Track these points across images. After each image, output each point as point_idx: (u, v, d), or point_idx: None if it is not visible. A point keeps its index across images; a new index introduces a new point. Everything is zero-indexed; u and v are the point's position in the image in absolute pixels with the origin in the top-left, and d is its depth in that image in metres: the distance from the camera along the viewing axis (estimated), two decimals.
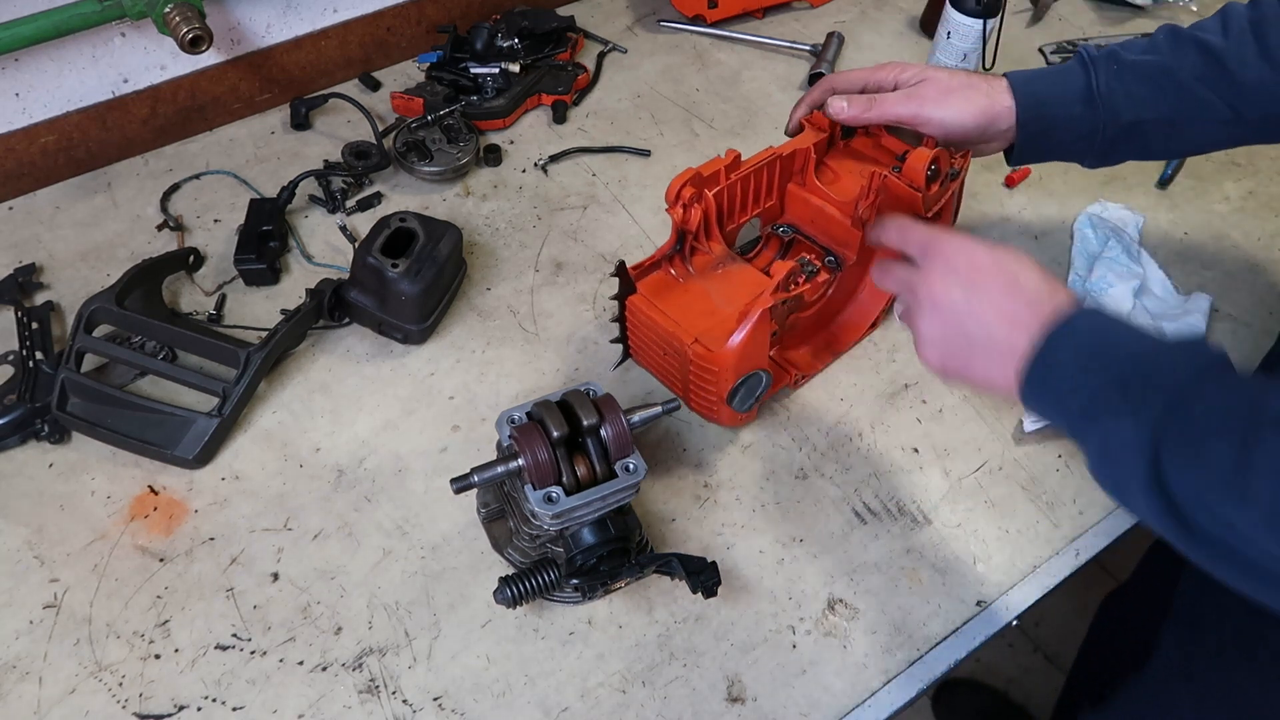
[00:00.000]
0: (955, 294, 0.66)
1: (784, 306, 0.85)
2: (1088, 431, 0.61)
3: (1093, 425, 0.59)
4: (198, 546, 0.82)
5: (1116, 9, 1.41)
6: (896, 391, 0.96)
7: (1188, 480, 0.54)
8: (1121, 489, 0.60)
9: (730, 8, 1.33)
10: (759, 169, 0.91)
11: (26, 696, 0.74)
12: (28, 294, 0.97)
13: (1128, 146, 0.86)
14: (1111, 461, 0.59)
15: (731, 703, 0.77)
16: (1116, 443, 0.58)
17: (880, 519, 0.87)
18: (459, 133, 1.11)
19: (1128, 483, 0.58)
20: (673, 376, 0.91)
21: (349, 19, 1.19)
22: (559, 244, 1.07)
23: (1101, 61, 0.85)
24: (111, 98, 1.08)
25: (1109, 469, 0.60)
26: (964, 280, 0.66)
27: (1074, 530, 0.88)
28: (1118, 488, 0.61)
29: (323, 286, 0.94)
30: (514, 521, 0.80)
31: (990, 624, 0.82)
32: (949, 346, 0.68)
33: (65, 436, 0.88)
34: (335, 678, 0.76)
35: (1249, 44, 0.81)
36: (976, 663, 1.82)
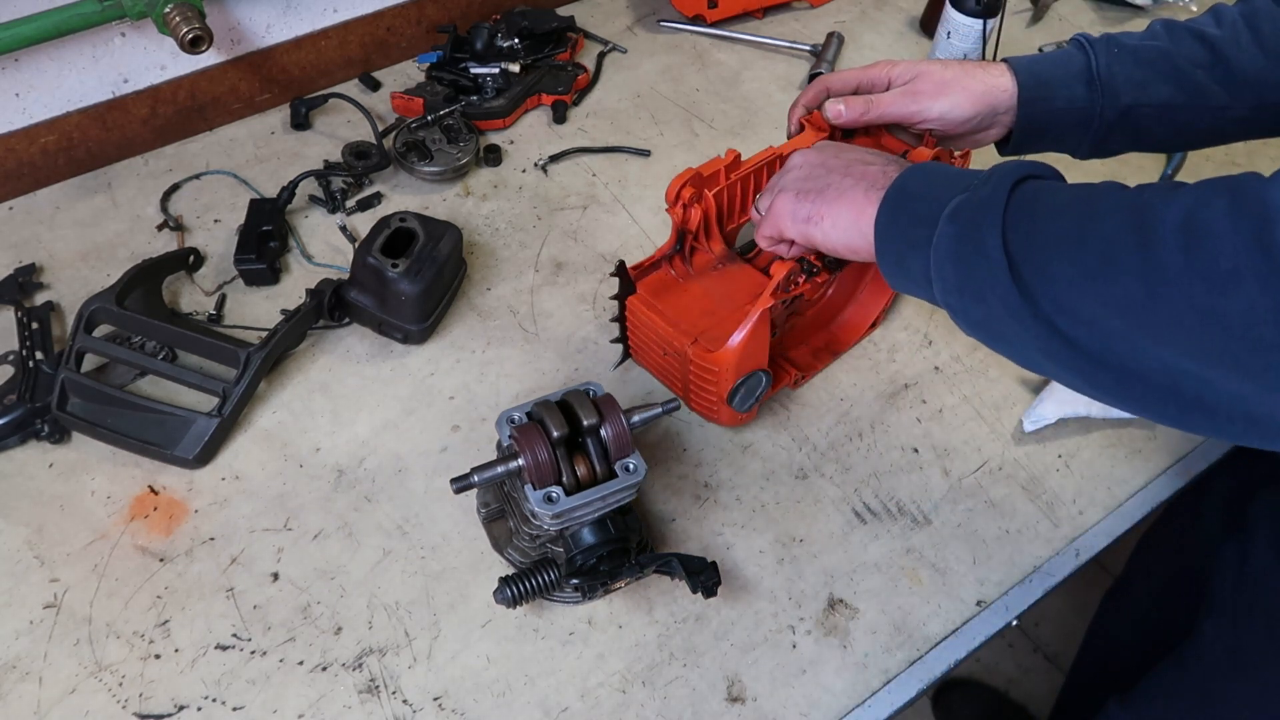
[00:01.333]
0: (826, 153, 0.76)
1: (784, 306, 0.85)
2: (937, 237, 0.62)
3: (945, 222, 0.61)
4: (198, 546, 0.82)
5: (1116, 9, 1.41)
6: (896, 391, 0.96)
7: (1032, 260, 0.56)
8: (967, 287, 0.60)
9: (730, 8, 1.33)
10: (759, 169, 0.91)
11: (26, 696, 0.74)
12: (28, 294, 0.97)
13: (1123, 133, 0.86)
14: (965, 263, 0.60)
15: (731, 703, 0.77)
16: (969, 227, 0.59)
17: (880, 519, 0.87)
18: (459, 133, 1.11)
19: (977, 273, 0.58)
20: (673, 376, 0.91)
21: (349, 19, 1.19)
22: (559, 244, 1.07)
23: (1100, 45, 0.85)
24: (111, 98, 1.08)
25: (966, 273, 0.60)
26: (835, 148, 0.77)
27: (1074, 530, 0.88)
28: (963, 289, 0.60)
29: (323, 286, 0.94)
30: (514, 521, 0.80)
31: (990, 624, 0.82)
32: (807, 183, 0.74)
33: (65, 436, 0.88)
34: (335, 678, 0.76)
35: (1243, 33, 0.82)
36: (976, 663, 1.82)
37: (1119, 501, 0.90)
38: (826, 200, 0.72)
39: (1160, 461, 0.93)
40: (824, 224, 0.72)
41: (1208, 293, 0.48)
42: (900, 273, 0.67)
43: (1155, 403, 0.53)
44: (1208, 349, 0.49)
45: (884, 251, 0.68)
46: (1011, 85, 0.85)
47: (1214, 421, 0.52)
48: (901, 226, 0.66)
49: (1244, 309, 0.47)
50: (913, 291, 0.67)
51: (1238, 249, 0.47)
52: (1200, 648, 0.99)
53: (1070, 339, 0.54)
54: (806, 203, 0.73)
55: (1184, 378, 0.51)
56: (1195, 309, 0.49)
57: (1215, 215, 0.49)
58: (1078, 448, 0.93)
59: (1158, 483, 0.92)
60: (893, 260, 0.67)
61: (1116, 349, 0.53)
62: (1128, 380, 0.53)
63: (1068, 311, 0.54)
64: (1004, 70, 0.86)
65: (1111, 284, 0.52)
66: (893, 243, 0.66)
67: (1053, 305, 0.55)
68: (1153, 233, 0.51)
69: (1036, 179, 0.61)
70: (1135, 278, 0.51)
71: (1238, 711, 0.95)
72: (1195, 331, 0.49)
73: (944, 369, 0.98)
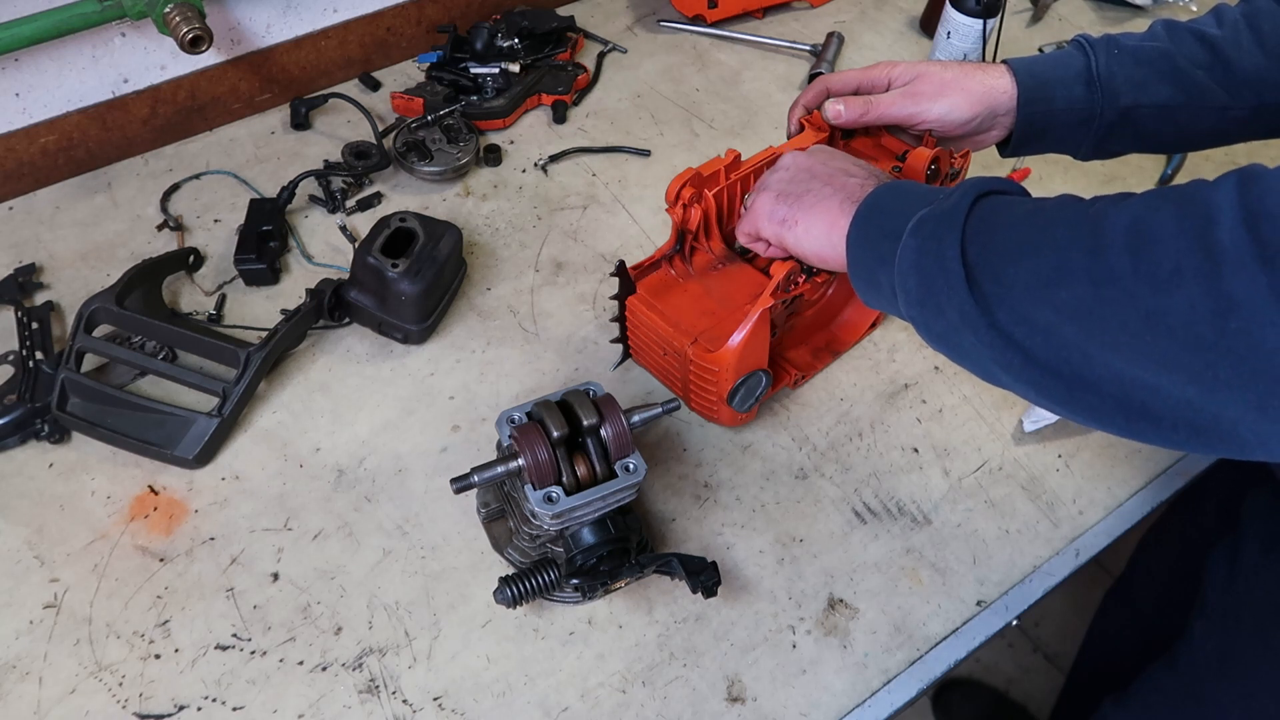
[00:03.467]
0: (815, 159, 0.76)
1: (784, 306, 0.85)
2: (900, 249, 0.62)
3: (908, 235, 0.61)
4: (198, 546, 0.82)
5: (1116, 9, 1.41)
6: (896, 391, 0.96)
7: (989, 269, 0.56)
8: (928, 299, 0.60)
9: (730, 8, 1.33)
10: (759, 169, 0.91)
11: (27, 696, 0.74)
12: (28, 294, 0.97)
13: (1123, 134, 0.86)
14: (925, 274, 0.60)
15: (731, 703, 0.77)
16: (930, 240, 0.59)
17: (880, 519, 0.87)
18: (459, 133, 1.11)
19: (936, 285, 0.59)
20: (673, 376, 0.91)
21: (349, 19, 1.19)
22: (559, 244, 1.07)
23: (1100, 45, 0.85)
24: (111, 98, 1.08)
25: (926, 284, 0.60)
26: (824, 154, 0.77)
27: (1074, 530, 0.88)
28: (924, 301, 0.60)
29: (323, 286, 0.94)
30: (514, 521, 0.80)
31: (990, 624, 0.82)
32: (790, 185, 0.74)
33: (65, 436, 0.88)
34: (335, 678, 0.76)
35: (1244, 33, 0.82)
36: (976, 663, 1.82)
37: (1119, 501, 0.90)
38: (804, 206, 0.72)
39: (1160, 461, 0.93)
40: (797, 229, 0.73)
41: (1152, 294, 0.49)
42: (871, 288, 0.67)
43: (1105, 413, 0.53)
44: (1152, 352, 0.49)
45: (856, 269, 0.68)
46: (1011, 86, 0.85)
47: (1159, 429, 0.52)
48: (872, 241, 0.66)
49: (1185, 308, 0.47)
50: (884, 307, 0.67)
51: (1180, 250, 0.48)
52: (1191, 648, 0.99)
53: (1024, 349, 0.55)
54: (784, 205, 0.74)
55: (1132, 385, 0.51)
56: (1140, 311, 0.49)
57: (1162, 218, 0.50)
58: (1078, 448, 0.93)
59: (1158, 483, 0.92)
60: (865, 277, 0.67)
61: (1068, 358, 0.53)
62: (1078, 390, 0.54)
63: (1022, 319, 0.55)
64: (1004, 71, 0.86)
65: (1062, 289, 0.52)
66: (864, 259, 0.67)
67: (1007, 313, 0.55)
68: (1103, 237, 0.51)
69: (1001, 194, 0.61)
70: (1085, 282, 0.51)
71: (1227, 711, 0.96)
72: (1141, 334, 0.49)
73: (944, 369, 0.98)
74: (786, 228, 0.73)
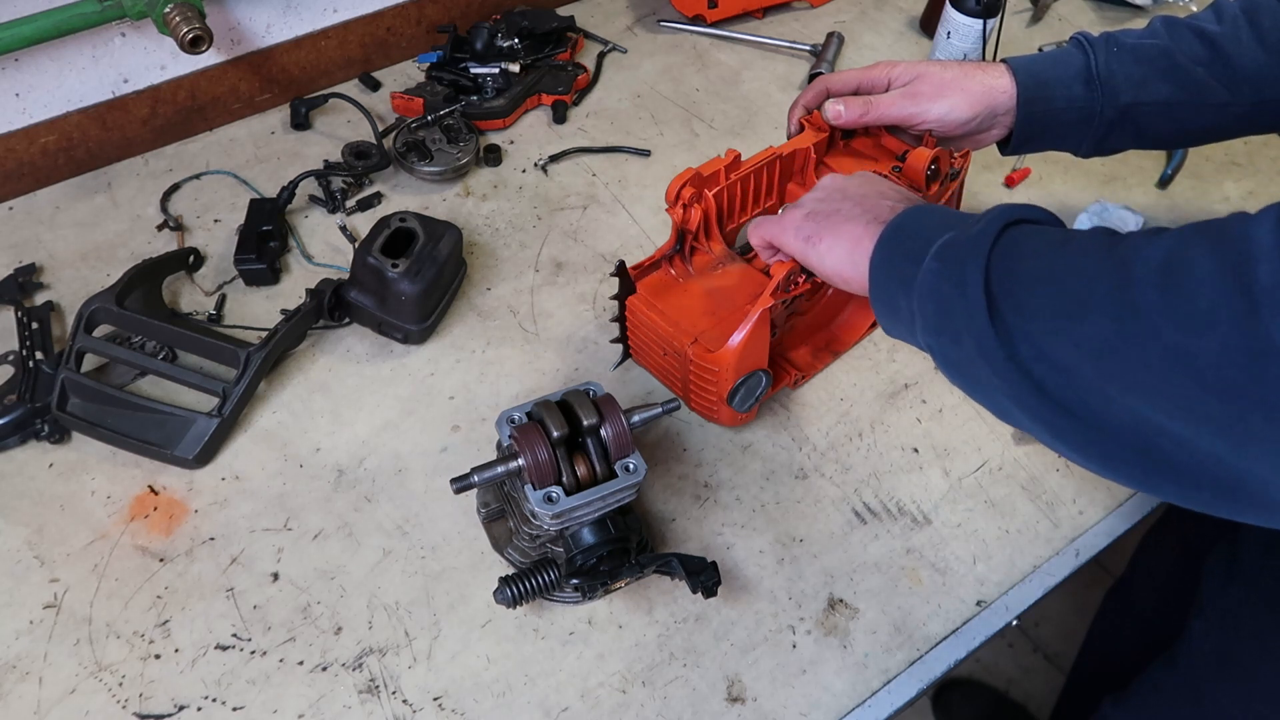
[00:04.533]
0: (851, 182, 0.75)
1: (784, 306, 0.85)
2: (921, 274, 0.60)
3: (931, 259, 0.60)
4: (198, 546, 0.82)
5: (1116, 9, 1.41)
6: (896, 391, 0.96)
7: (1010, 300, 0.54)
8: (945, 326, 0.58)
9: (730, 8, 1.33)
10: (759, 169, 0.91)
11: (26, 696, 0.74)
12: (28, 294, 0.97)
13: (1123, 131, 0.86)
14: (945, 300, 0.58)
15: (731, 703, 0.77)
16: (953, 264, 0.58)
17: (880, 519, 0.87)
18: (459, 133, 1.11)
19: (954, 312, 0.57)
20: (673, 376, 0.91)
21: (349, 19, 1.19)
22: (559, 244, 1.07)
23: (1100, 44, 0.85)
24: (111, 98, 1.08)
25: (945, 311, 0.58)
26: (862, 179, 0.76)
27: (1074, 530, 0.88)
28: (941, 329, 0.59)
29: (323, 286, 0.94)
30: (514, 521, 0.80)
31: (990, 624, 0.82)
32: (821, 204, 0.73)
33: (65, 436, 0.88)
34: (335, 678, 0.76)
35: (1244, 29, 0.82)
36: (976, 663, 1.82)
37: (1119, 501, 0.90)
38: (830, 225, 0.71)
39: None
40: (820, 247, 0.71)
41: (1179, 332, 0.45)
42: (890, 313, 0.65)
43: (1123, 462, 0.51)
44: (1178, 397, 0.46)
45: (876, 291, 0.66)
46: (1011, 86, 0.85)
47: (1180, 485, 0.49)
48: (894, 263, 0.64)
49: (1216, 350, 0.44)
50: (902, 334, 0.65)
51: (1216, 287, 0.45)
52: (1190, 648, 0.99)
53: (1041, 386, 0.52)
54: (811, 222, 0.72)
55: (1153, 433, 0.48)
56: (1166, 350, 0.46)
57: (1197, 254, 0.46)
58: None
59: None
60: (884, 300, 0.65)
61: (1086, 399, 0.50)
62: (1095, 435, 0.51)
63: (1040, 354, 0.52)
64: (1003, 71, 0.86)
65: (1084, 323, 0.50)
66: (885, 282, 0.65)
67: (1027, 346, 0.53)
68: (1131, 270, 0.49)
69: (1030, 223, 0.59)
70: (1108, 316, 0.49)
71: (1226, 710, 0.96)
72: (1166, 376, 0.46)
73: None
74: (810, 244, 0.72)
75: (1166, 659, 1.03)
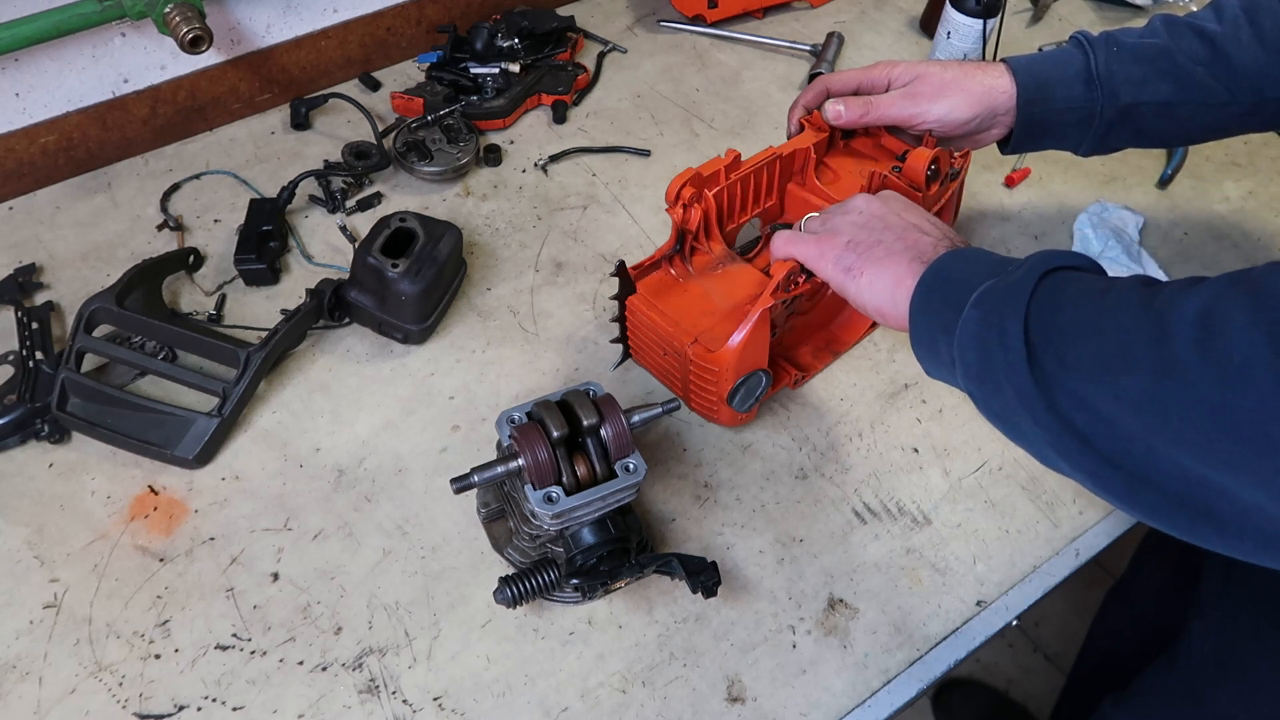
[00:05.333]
0: (890, 208, 0.74)
1: (784, 306, 0.85)
2: (962, 321, 0.60)
3: (971, 307, 0.60)
4: (198, 546, 0.82)
5: (1116, 9, 1.41)
6: (896, 391, 0.96)
7: (1050, 351, 0.54)
8: (987, 375, 0.58)
9: (730, 8, 1.33)
10: (759, 169, 0.91)
11: (26, 696, 0.74)
12: (28, 294, 0.97)
13: (1123, 131, 0.86)
14: (986, 349, 0.58)
15: (731, 703, 0.77)
16: (993, 315, 0.58)
17: (880, 519, 0.87)
18: (459, 133, 1.11)
19: (995, 362, 0.57)
20: (673, 376, 0.91)
21: (349, 19, 1.19)
22: (559, 244, 1.07)
23: (1099, 43, 0.85)
24: (111, 98, 1.08)
25: (986, 359, 0.58)
26: (901, 205, 0.75)
27: (1074, 530, 0.88)
28: (983, 377, 0.59)
29: (323, 286, 0.94)
30: (514, 521, 0.80)
31: (990, 624, 0.82)
32: (861, 234, 0.72)
33: (65, 436, 0.88)
34: (335, 678, 0.76)
35: (1243, 28, 0.82)
36: (976, 663, 1.82)
37: None
38: (872, 259, 0.70)
39: None
40: (861, 280, 0.70)
41: (1219, 388, 0.45)
42: (931, 355, 0.65)
43: (1167, 512, 0.51)
44: (1218, 450, 0.46)
45: (917, 333, 0.66)
46: (1010, 86, 0.85)
47: (1224, 536, 0.49)
48: (935, 308, 0.64)
49: (1255, 406, 0.44)
50: (942, 376, 0.66)
51: (1252, 343, 0.45)
52: (1190, 648, 0.99)
53: (1083, 436, 0.52)
54: (852, 254, 0.71)
55: (1195, 484, 0.48)
56: (1206, 405, 0.46)
57: (1233, 308, 0.47)
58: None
59: None
60: (925, 343, 0.65)
61: (1129, 449, 0.50)
62: (1139, 485, 0.51)
63: (1081, 405, 0.52)
64: (1003, 71, 0.86)
65: (1124, 376, 0.50)
66: (925, 325, 0.65)
67: (1067, 398, 0.53)
68: (1168, 324, 0.49)
69: (1070, 270, 0.59)
70: (1148, 371, 0.49)
71: (1225, 710, 0.96)
72: (1205, 430, 0.46)
73: None
74: (851, 277, 0.71)
75: (1166, 659, 1.03)
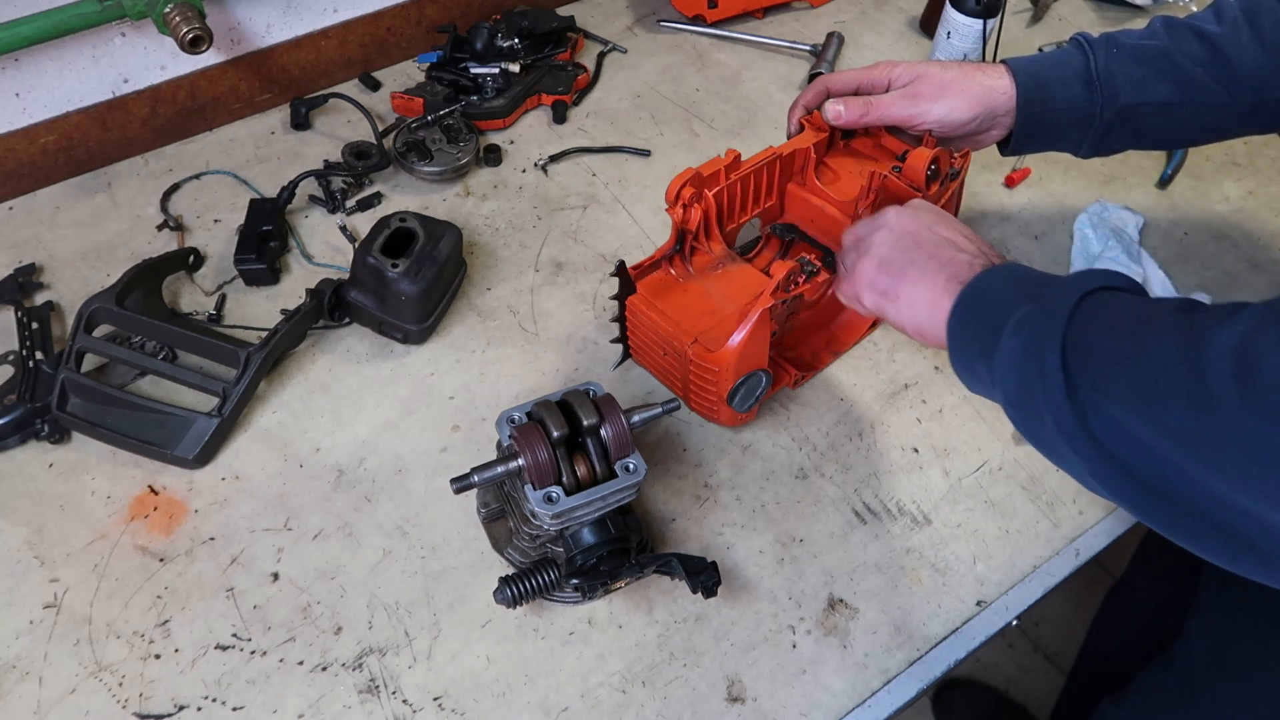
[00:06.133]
0: (922, 222, 0.73)
1: (784, 306, 0.85)
2: (1000, 349, 0.60)
3: (1009, 334, 0.60)
4: (198, 546, 0.82)
5: (1116, 9, 1.41)
6: (896, 391, 0.96)
7: (1089, 380, 0.54)
8: (1028, 402, 0.58)
9: (730, 8, 1.33)
10: (759, 169, 0.91)
11: (26, 696, 0.74)
12: (28, 294, 0.97)
13: (1123, 132, 0.86)
14: (1025, 378, 0.58)
15: (731, 703, 0.77)
16: (1031, 343, 0.58)
17: (880, 519, 0.87)
18: (459, 133, 1.11)
19: (1035, 391, 0.57)
20: (673, 376, 0.91)
21: (349, 19, 1.19)
22: (559, 244, 1.07)
23: (1099, 44, 0.85)
24: (111, 98, 1.08)
25: (1026, 388, 0.58)
26: (933, 218, 0.74)
27: (1074, 530, 0.88)
28: (1024, 403, 0.59)
29: (323, 286, 0.94)
30: (514, 521, 0.80)
31: (990, 624, 0.82)
32: (893, 254, 0.72)
33: (65, 436, 0.88)
34: (335, 678, 0.76)
35: (1243, 29, 0.82)
36: (976, 663, 1.82)
37: None
38: (907, 280, 0.70)
39: None
40: (899, 303, 0.70)
41: (1258, 423, 0.45)
42: (970, 375, 0.66)
43: (1209, 540, 0.51)
44: (1259, 483, 0.46)
45: (956, 355, 0.66)
46: (1010, 87, 0.85)
47: (1269, 568, 0.49)
48: (973, 331, 0.64)
49: None
50: (983, 393, 0.66)
51: None
52: (1188, 648, 0.99)
53: (1123, 464, 0.52)
54: (885, 276, 0.71)
55: (1237, 516, 0.48)
56: (1245, 440, 0.46)
57: (1270, 341, 0.46)
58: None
59: None
60: (964, 365, 0.66)
61: (1168, 477, 0.50)
62: (1180, 513, 0.51)
63: (1120, 432, 0.52)
64: (1003, 72, 0.86)
65: (1163, 409, 0.50)
66: (964, 348, 0.65)
67: (1106, 426, 0.53)
68: (1205, 357, 0.48)
69: (1108, 290, 0.59)
70: (1185, 404, 0.49)
71: (1222, 710, 0.95)
72: (1246, 465, 0.46)
73: (944, 369, 0.98)
74: (888, 299, 0.71)
75: (1164, 659, 1.03)
